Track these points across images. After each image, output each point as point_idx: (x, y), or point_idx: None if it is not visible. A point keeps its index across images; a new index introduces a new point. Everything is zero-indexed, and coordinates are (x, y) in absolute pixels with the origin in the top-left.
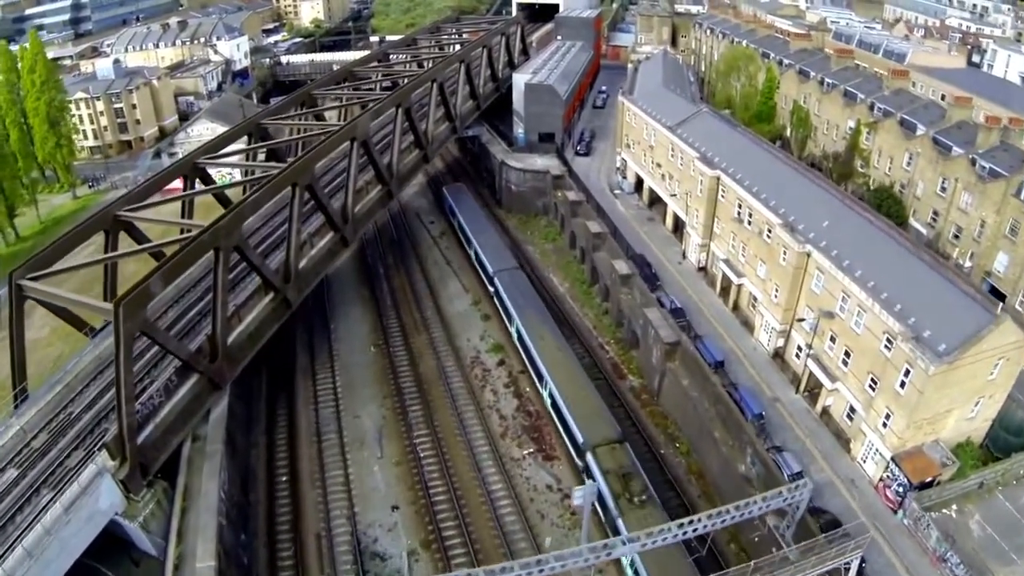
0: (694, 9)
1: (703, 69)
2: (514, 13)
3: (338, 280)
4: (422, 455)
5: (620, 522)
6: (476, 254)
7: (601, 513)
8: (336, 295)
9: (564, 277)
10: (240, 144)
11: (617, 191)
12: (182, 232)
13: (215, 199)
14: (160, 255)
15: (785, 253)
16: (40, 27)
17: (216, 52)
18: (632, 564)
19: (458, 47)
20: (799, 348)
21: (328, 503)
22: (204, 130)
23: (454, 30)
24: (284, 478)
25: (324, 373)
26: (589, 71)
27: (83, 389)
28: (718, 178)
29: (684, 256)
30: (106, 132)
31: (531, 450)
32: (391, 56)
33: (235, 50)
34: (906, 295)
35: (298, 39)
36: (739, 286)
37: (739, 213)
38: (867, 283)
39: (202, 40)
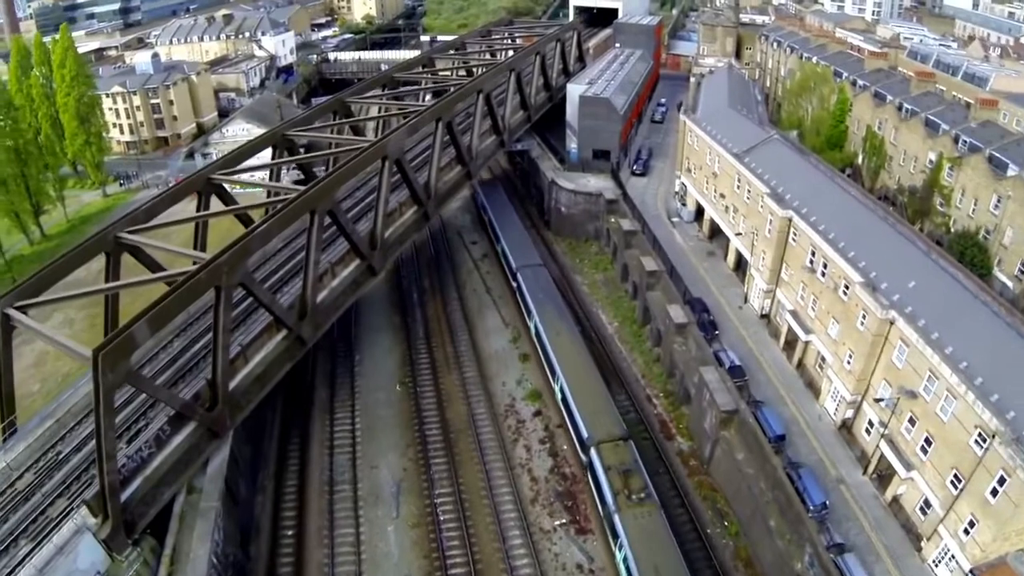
0: (759, 19)
1: (768, 84)
2: (571, 17)
3: (368, 304)
4: (442, 518)
5: (616, 518)
6: (502, 250)
7: (600, 508)
8: (364, 320)
9: (613, 314)
10: (266, 155)
11: (675, 219)
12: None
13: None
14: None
15: (864, 317)
16: (91, 15)
17: (260, 47)
18: (625, 561)
19: (510, 53)
20: (871, 424)
21: (335, 566)
22: (239, 131)
23: (506, 34)
24: (290, 533)
25: (343, 412)
26: (648, 82)
27: (75, 426)
28: (790, 219)
29: (746, 300)
30: (142, 128)
31: (563, 521)
32: (436, 61)
33: (280, 46)
34: (1006, 382)
35: (348, 35)
36: (806, 343)
37: (812, 262)
38: (959, 363)
39: (247, 35)
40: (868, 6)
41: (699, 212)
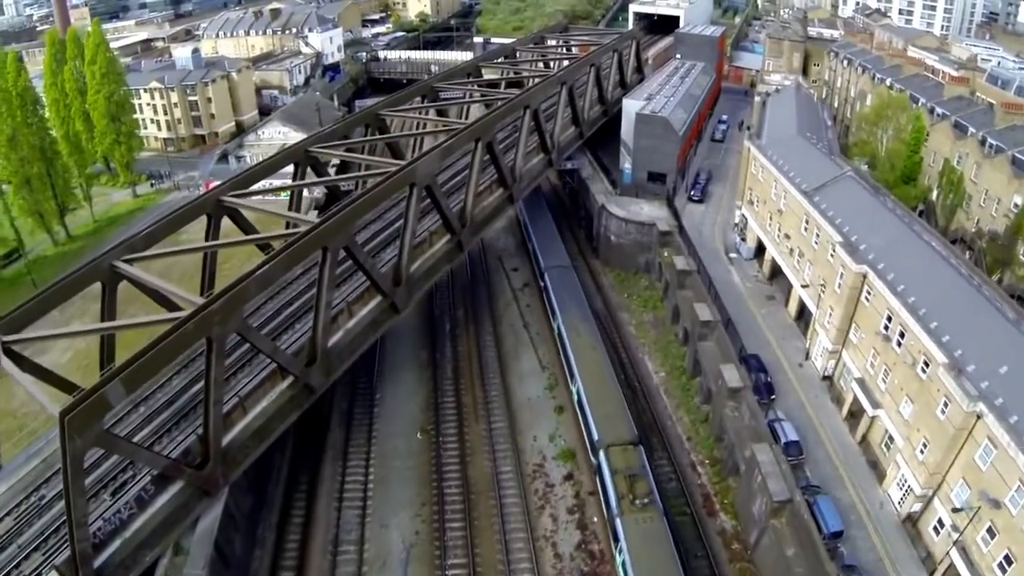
0: (827, 33)
1: (836, 105)
2: (630, 23)
3: (395, 335)
4: None
5: (619, 522)
6: (532, 249)
7: (604, 511)
8: (390, 354)
9: (661, 362)
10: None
11: (733, 255)
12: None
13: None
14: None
15: (946, 405)
16: (143, 4)
17: (307, 44)
18: (624, 565)
19: (564, 63)
20: (941, 524)
21: None
22: (275, 134)
23: (561, 42)
24: None
25: (357, 459)
26: (709, 98)
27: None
28: (864, 276)
29: (807, 357)
30: (179, 125)
31: None
32: (483, 70)
33: (327, 43)
34: None
35: (400, 33)
36: (873, 418)
37: (887, 328)
38: None
39: (293, 31)
40: (937, 20)
41: (760, 249)
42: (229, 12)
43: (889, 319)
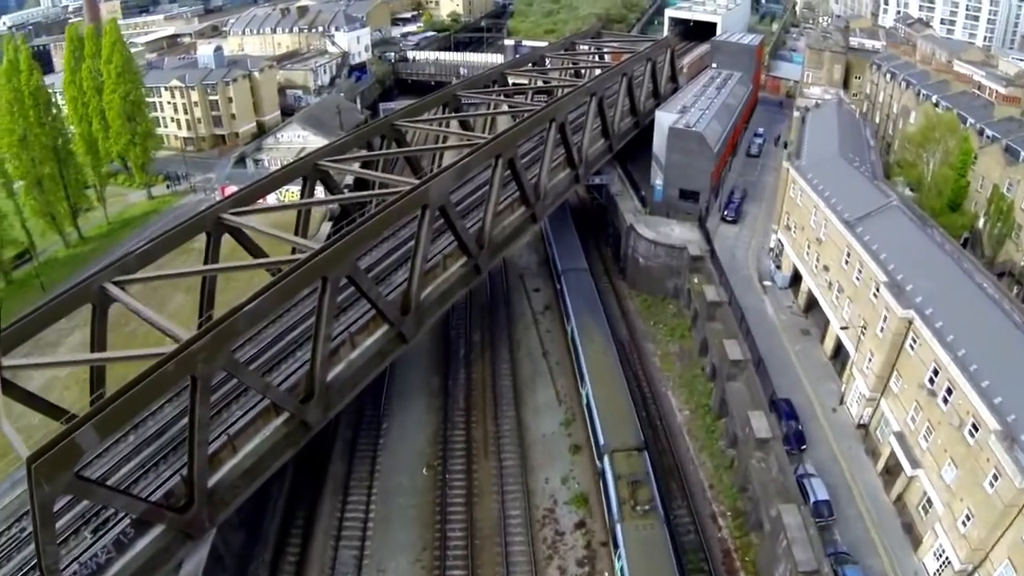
0: (868, 44)
1: (878, 120)
2: (665, 29)
3: (406, 359)
4: None
5: (619, 527)
6: (551, 254)
7: (606, 516)
8: (399, 380)
9: (686, 399)
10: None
11: (767, 283)
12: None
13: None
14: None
15: (996, 478)
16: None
17: (333, 43)
18: (622, 572)
19: (596, 72)
20: None
21: None
22: (295, 137)
23: (592, 48)
24: None
25: (359, 494)
26: (746, 110)
27: None
28: (910, 322)
29: (842, 401)
30: (199, 124)
31: None
32: (510, 78)
33: (354, 42)
34: None
35: (430, 33)
36: (911, 478)
37: (933, 382)
38: None
39: (320, 29)
40: (980, 30)
41: (796, 277)
42: (257, 8)
43: (935, 372)
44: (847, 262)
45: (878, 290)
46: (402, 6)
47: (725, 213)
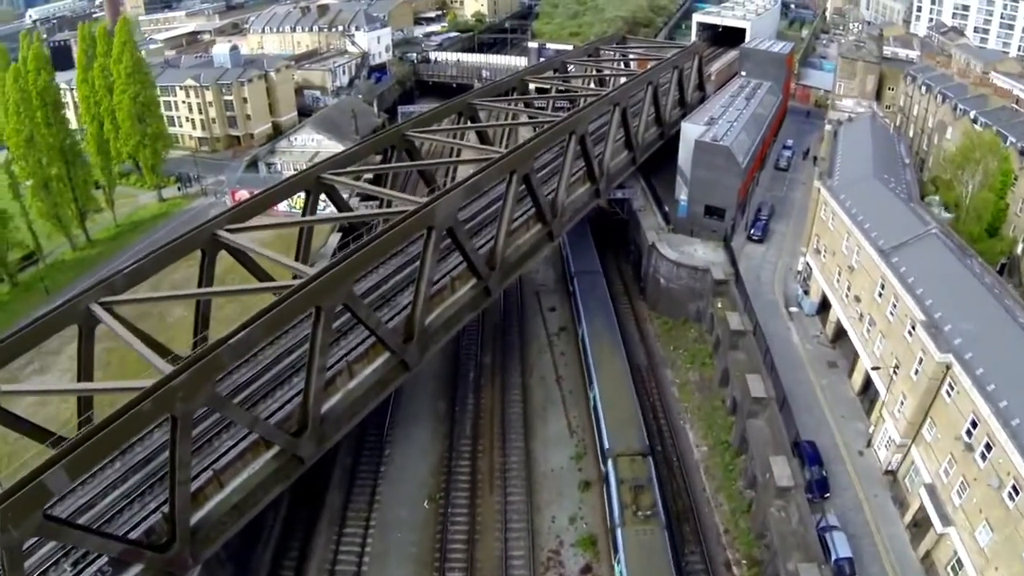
0: (902, 53)
1: (911, 133)
2: (693, 34)
3: (413, 382)
4: None
5: (619, 532)
6: (565, 255)
7: (608, 520)
8: (404, 402)
9: (704, 433)
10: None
11: (794, 308)
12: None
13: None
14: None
15: None
16: None
17: (353, 43)
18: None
19: (620, 79)
20: None
21: None
22: (308, 140)
23: (617, 54)
24: None
25: (356, 526)
26: (775, 122)
27: None
28: (948, 367)
29: (870, 443)
30: (214, 125)
31: None
32: (531, 84)
33: (374, 43)
34: None
35: (454, 34)
36: (941, 536)
37: (970, 435)
38: None
39: (340, 28)
40: (1014, 39)
41: (824, 304)
42: (278, 6)
43: (974, 424)
44: (881, 294)
45: (913, 328)
46: (426, 5)
47: (751, 232)
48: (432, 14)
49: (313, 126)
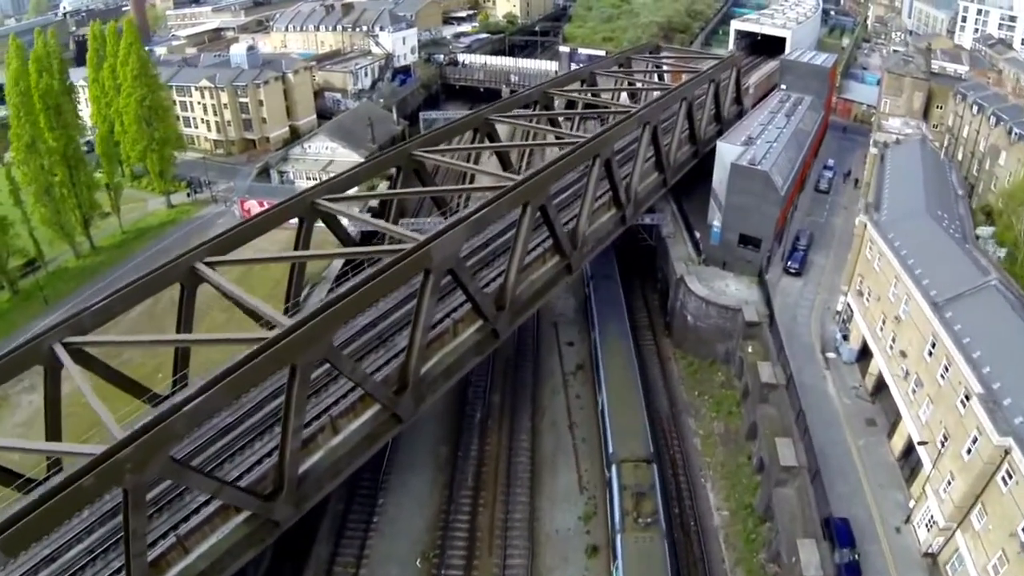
0: (950, 68)
1: (959, 155)
2: (731, 41)
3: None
4: None
5: (619, 538)
6: (586, 281)
7: (608, 525)
8: (403, 446)
9: (726, 495)
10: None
11: (831, 354)
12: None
13: None
14: None
15: None
16: None
17: (377, 44)
18: None
19: (654, 93)
20: None
21: None
22: (322, 148)
23: (650, 65)
24: None
25: None
26: (816, 140)
27: None
28: (1007, 451)
29: (908, 520)
30: (229, 127)
31: None
32: (555, 98)
33: (399, 44)
34: None
35: (484, 35)
36: None
37: None
38: None
39: (364, 28)
40: None
41: (864, 350)
42: (304, 4)
43: None
44: (931, 353)
45: (967, 399)
46: (457, 3)
47: (788, 263)
48: (463, 13)
49: (327, 134)
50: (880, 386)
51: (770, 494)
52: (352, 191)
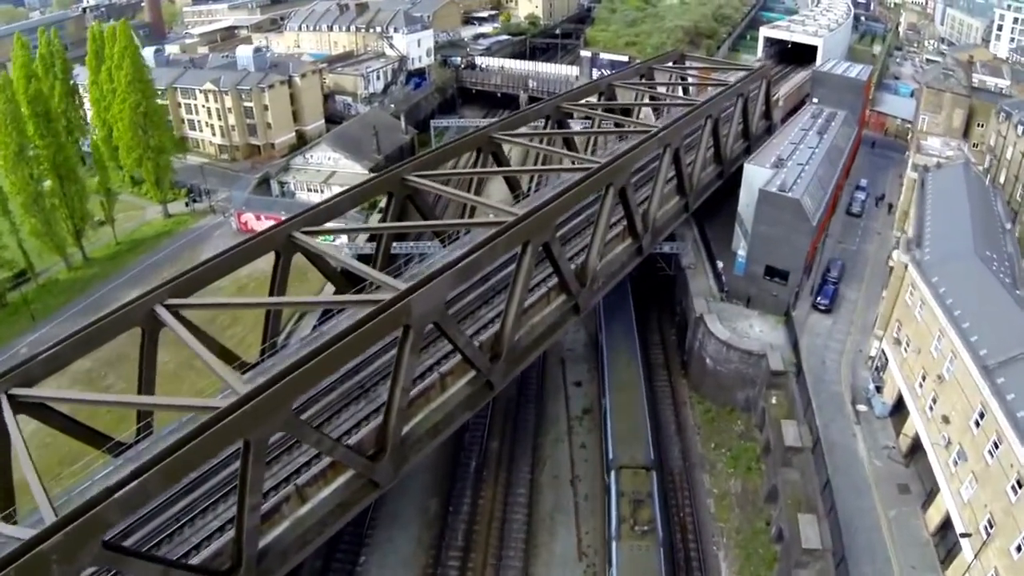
0: (991, 82)
1: (1002, 178)
2: (759, 50)
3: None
4: None
5: (614, 545)
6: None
7: (606, 531)
8: (390, 498)
9: (739, 566)
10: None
11: (862, 407)
12: None
13: None
14: None
15: None
16: None
17: (391, 46)
18: None
19: (677, 109)
20: None
21: None
22: (324, 159)
23: (674, 76)
24: None
25: None
26: (849, 160)
27: None
28: None
29: None
30: (233, 132)
31: None
32: (569, 115)
33: (413, 46)
34: None
35: (504, 37)
36: None
37: None
38: None
39: (378, 29)
40: None
41: (899, 403)
42: (317, 3)
43: None
44: (978, 424)
45: (1020, 485)
46: (479, 3)
47: (818, 299)
48: (485, 13)
49: (330, 143)
50: (915, 447)
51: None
52: (330, 224)
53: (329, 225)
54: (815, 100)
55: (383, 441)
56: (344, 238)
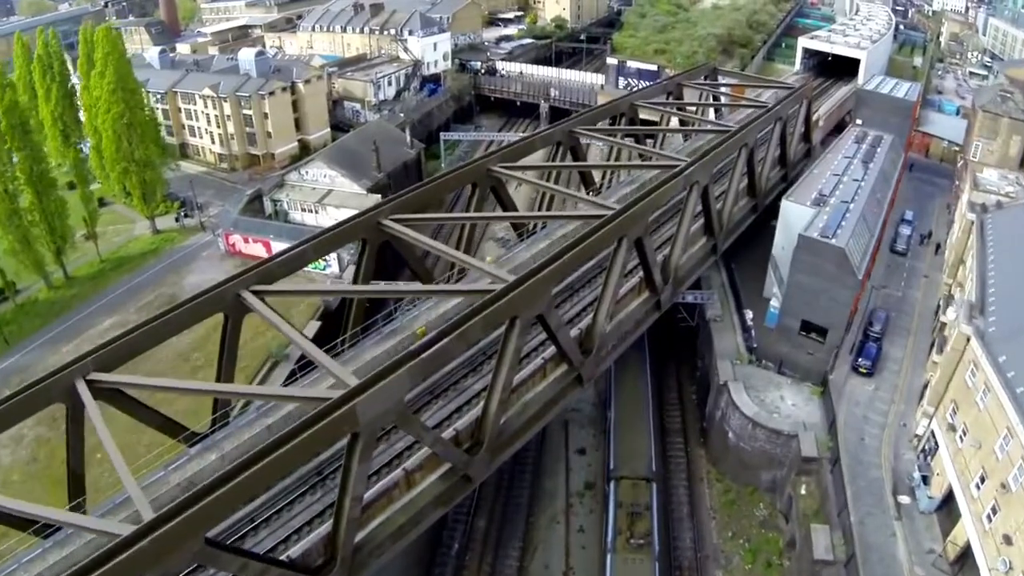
0: None
1: None
2: (797, 62)
3: None
4: None
5: (609, 558)
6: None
7: (602, 542)
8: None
9: None
10: None
11: (905, 498)
12: None
13: None
14: None
15: None
16: None
17: (405, 49)
18: None
19: (707, 136)
20: None
21: None
22: (320, 176)
23: (707, 96)
24: None
25: None
26: (894, 194)
27: None
28: None
29: None
30: (232, 141)
31: None
32: (585, 140)
33: (429, 50)
34: None
35: (528, 40)
36: None
37: None
38: None
39: (392, 31)
40: None
41: (948, 497)
42: (333, 2)
43: None
44: None
45: None
46: (505, 4)
47: (859, 361)
48: (511, 15)
49: (325, 160)
50: (965, 555)
51: None
52: (282, 284)
53: (282, 286)
54: (859, 122)
55: (334, 550)
56: (335, 267)
